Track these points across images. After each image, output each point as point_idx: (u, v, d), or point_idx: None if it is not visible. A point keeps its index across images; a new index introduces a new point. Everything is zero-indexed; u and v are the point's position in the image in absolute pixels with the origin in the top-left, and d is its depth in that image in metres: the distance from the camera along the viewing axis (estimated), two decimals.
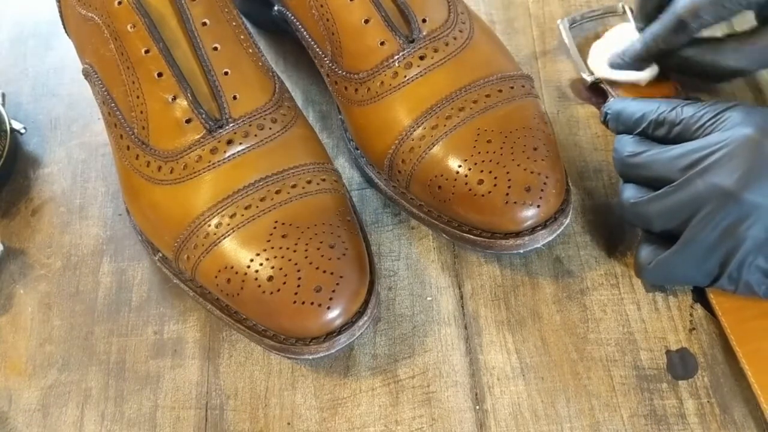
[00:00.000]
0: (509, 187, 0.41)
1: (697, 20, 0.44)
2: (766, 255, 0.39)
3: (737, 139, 0.38)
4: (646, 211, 0.41)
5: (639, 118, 0.44)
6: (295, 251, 0.40)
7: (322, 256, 0.40)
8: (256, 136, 0.43)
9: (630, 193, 0.42)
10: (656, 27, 0.46)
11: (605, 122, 0.47)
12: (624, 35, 0.51)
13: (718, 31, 0.47)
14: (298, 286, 0.39)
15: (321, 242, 0.40)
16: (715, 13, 0.43)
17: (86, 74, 0.46)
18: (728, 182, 0.38)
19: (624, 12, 0.55)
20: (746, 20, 0.46)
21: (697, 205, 0.39)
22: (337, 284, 0.39)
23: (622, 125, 0.45)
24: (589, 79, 0.52)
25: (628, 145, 0.43)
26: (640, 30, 0.49)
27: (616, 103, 0.46)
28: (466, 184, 0.42)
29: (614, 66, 0.50)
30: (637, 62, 0.48)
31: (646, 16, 0.48)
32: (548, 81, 0.53)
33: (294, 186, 0.42)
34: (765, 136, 0.38)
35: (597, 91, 0.52)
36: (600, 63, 0.51)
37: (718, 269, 0.40)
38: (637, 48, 0.48)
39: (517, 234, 0.42)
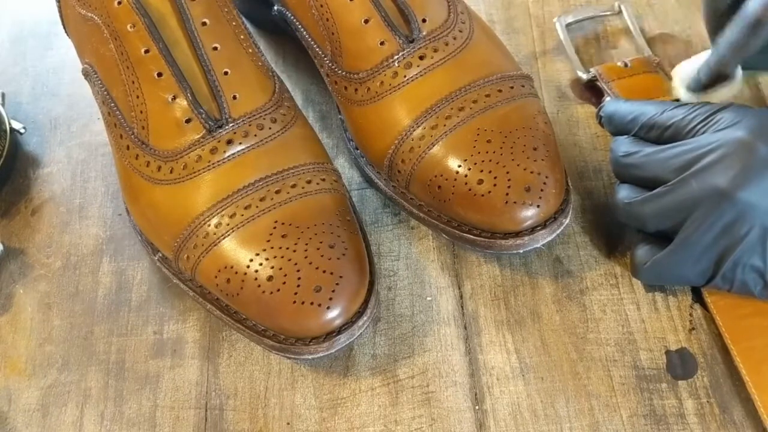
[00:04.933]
0: (509, 186, 0.41)
1: None
2: (760, 255, 0.39)
3: (730, 141, 0.38)
4: (640, 211, 0.41)
5: (630, 120, 0.44)
6: (294, 251, 0.40)
7: (322, 256, 0.40)
8: (255, 135, 0.43)
9: (624, 193, 0.42)
10: (730, 33, 0.42)
11: (601, 123, 0.47)
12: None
13: None
14: (298, 286, 0.39)
15: (321, 242, 0.40)
16: None
17: (86, 74, 0.46)
18: (722, 183, 0.38)
19: (620, 11, 0.55)
20: None
21: (692, 205, 0.39)
22: (337, 284, 0.39)
23: (615, 127, 0.45)
24: (584, 77, 0.52)
25: (623, 145, 0.43)
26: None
27: (609, 105, 0.46)
28: (466, 183, 0.42)
29: (692, 89, 0.47)
30: (714, 78, 0.45)
31: (715, 26, 0.44)
32: (548, 81, 0.53)
33: (294, 186, 0.42)
34: (757, 137, 0.38)
35: (595, 90, 0.52)
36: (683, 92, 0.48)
37: (713, 269, 0.40)
38: (711, 63, 0.45)
39: (517, 234, 0.42)
